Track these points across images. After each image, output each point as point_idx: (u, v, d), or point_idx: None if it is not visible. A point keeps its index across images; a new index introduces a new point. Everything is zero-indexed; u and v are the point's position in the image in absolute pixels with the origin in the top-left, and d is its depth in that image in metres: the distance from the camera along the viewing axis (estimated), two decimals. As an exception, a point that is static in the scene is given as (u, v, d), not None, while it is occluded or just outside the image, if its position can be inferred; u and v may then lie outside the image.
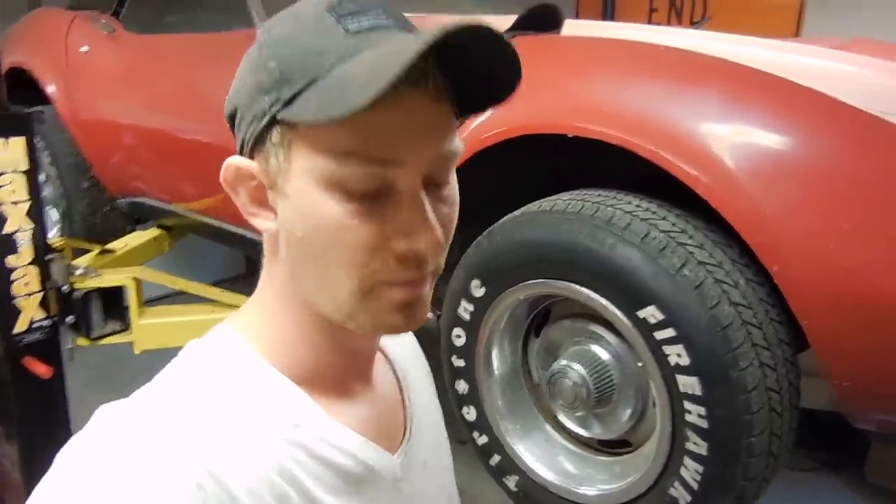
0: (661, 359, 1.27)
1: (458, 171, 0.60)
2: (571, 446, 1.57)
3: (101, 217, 3.01)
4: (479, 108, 0.57)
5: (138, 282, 2.33)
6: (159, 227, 3.02)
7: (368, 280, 0.54)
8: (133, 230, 3.05)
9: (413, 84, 0.51)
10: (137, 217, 3.08)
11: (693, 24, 5.27)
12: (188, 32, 2.59)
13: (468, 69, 0.52)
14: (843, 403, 1.24)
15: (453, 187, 0.58)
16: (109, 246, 2.75)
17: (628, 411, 1.45)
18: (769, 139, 1.21)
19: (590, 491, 1.46)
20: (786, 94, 1.23)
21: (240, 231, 2.39)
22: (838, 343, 1.16)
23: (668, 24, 5.38)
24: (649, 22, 5.46)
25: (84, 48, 2.94)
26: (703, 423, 1.23)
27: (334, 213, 0.53)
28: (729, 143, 1.21)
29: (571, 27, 1.65)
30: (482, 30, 0.47)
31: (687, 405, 1.25)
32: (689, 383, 1.24)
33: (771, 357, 1.23)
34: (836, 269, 1.12)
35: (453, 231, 0.59)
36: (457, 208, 0.59)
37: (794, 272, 1.16)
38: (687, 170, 1.22)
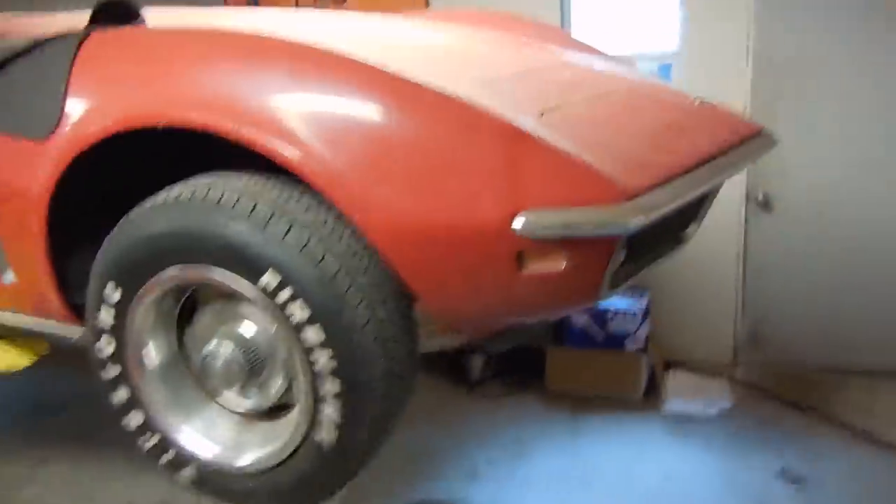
0: (288, 317, 1.38)
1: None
2: (235, 421, 1.63)
3: None
4: None
5: None
6: None
7: None
8: None
9: None
10: None
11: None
12: None
13: None
14: (441, 319, 1.46)
15: None
16: None
17: (280, 375, 1.55)
18: (334, 106, 1.37)
19: (252, 457, 1.55)
20: (345, 68, 1.39)
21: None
22: (417, 271, 1.37)
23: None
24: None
25: None
26: (333, 364, 1.38)
27: None
28: (299, 113, 1.34)
29: (162, 17, 1.68)
30: None
31: (317, 352, 1.38)
32: (313, 333, 1.37)
33: (379, 293, 1.41)
34: (399, 210, 1.31)
35: None
36: None
37: (369, 217, 1.33)
38: (265, 142, 1.34)
